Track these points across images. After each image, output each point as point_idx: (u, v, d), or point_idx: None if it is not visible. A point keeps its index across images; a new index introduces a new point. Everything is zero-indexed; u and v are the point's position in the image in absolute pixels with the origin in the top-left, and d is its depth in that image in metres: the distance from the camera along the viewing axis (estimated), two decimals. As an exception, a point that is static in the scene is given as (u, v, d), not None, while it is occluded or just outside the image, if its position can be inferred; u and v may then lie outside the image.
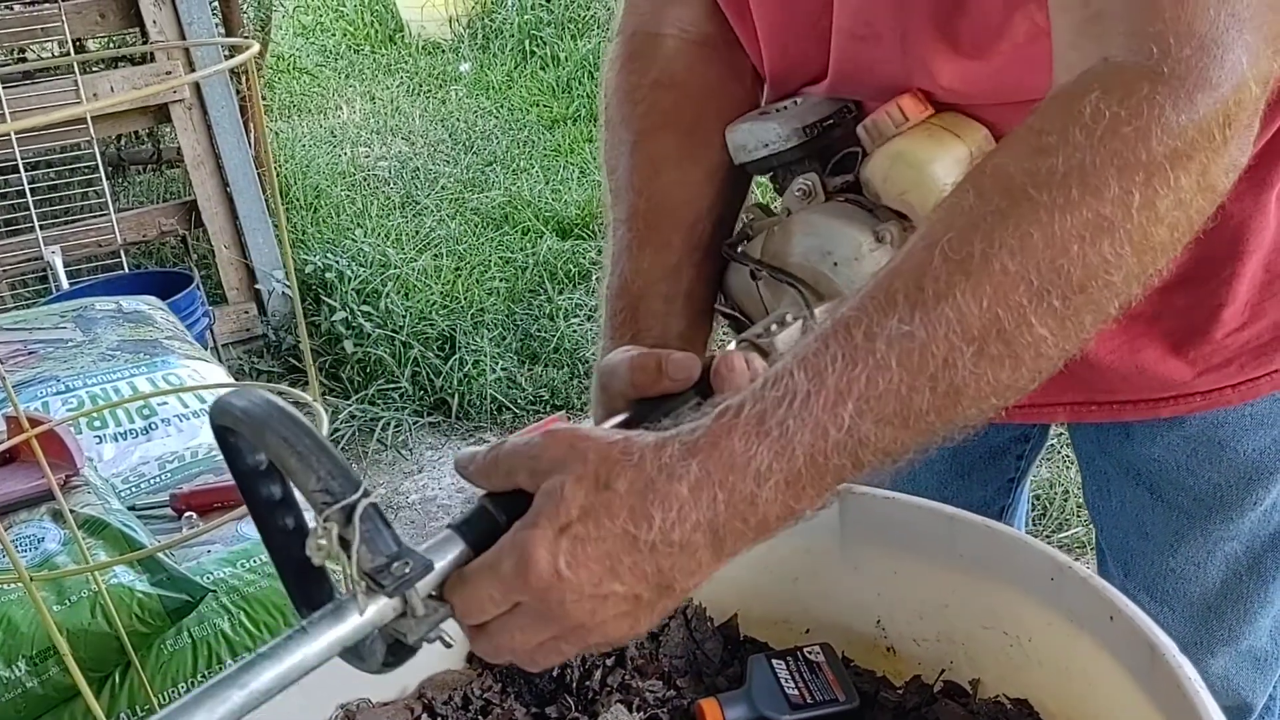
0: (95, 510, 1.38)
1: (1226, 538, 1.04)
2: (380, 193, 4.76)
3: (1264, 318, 0.94)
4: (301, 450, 0.62)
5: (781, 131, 0.86)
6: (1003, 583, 0.90)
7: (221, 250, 3.67)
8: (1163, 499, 1.05)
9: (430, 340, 3.55)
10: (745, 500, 0.61)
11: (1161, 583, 1.08)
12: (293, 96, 6.13)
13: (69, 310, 2.37)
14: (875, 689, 0.97)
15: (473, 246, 4.13)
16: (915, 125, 0.84)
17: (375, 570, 0.62)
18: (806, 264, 0.85)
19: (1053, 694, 0.87)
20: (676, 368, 0.75)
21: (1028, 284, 0.60)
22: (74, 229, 3.55)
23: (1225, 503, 1.02)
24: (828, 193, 0.87)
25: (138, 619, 1.24)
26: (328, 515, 0.61)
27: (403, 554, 0.62)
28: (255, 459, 0.67)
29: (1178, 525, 1.05)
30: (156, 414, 1.91)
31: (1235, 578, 1.06)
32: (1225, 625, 1.08)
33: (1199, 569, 1.06)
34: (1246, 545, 1.05)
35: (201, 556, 1.41)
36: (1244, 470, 1.00)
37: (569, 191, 4.48)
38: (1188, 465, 1.01)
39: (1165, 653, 0.75)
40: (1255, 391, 0.97)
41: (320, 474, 0.62)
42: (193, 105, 3.54)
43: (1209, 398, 0.97)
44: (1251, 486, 1.01)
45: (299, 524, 0.69)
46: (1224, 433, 0.99)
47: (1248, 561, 1.05)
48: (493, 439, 3.26)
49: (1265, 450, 0.99)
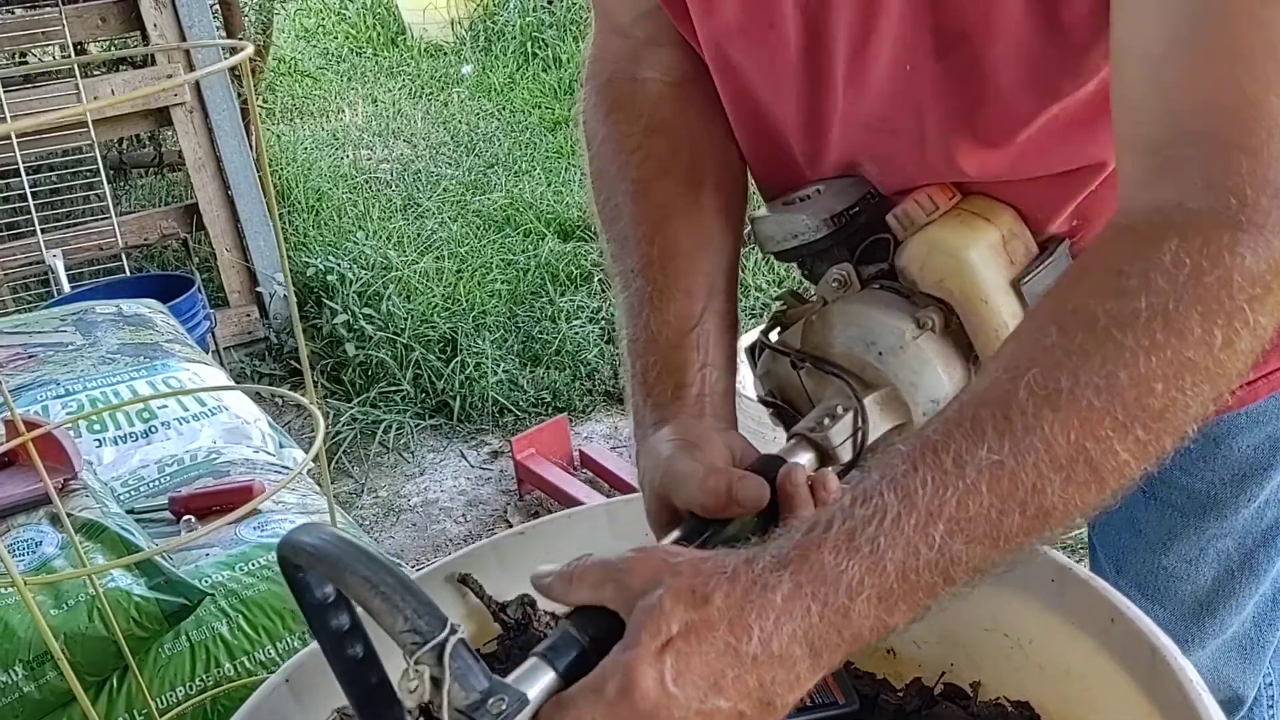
0: (93, 514, 1.38)
1: (1220, 535, 1.04)
2: (382, 195, 4.76)
3: None
4: (385, 590, 0.62)
5: (810, 223, 0.86)
6: (1004, 585, 0.89)
7: (223, 253, 3.67)
8: (1156, 497, 1.04)
9: (432, 342, 3.55)
10: (839, 612, 0.62)
11: (1154, 580, 1.08)
12: (294, 99, 6.13)
13: (69, 314, 2.37)
14: (875, 691, 0.96)
15: (474, 248, 4.13)
16: (946, 212, 0.85)
17: (470, 708, 0.62)
18: (851, 354, 0.85)
19: (1053, 696, 0.86)
20: (747, 495, 0.74)
21: (1113, 418, 0.63)
22: (75, 232, 3.56)
23: (1220, 500, 1.02)
24: (862, 281, 0.87)
25: (135, 623, 1.23)
26: (419, 657, 0.62)
27: (495, 689, 0.63)
28: (324, 592, 0.68)
29: (1171, 523, 1.04)
30: (156, 417, 1.91)
31: (1228, 574, 1.06)
32: (1217, 620, 1.08)
33: (1191, 566, 1.06)
34: (1239, 542, 1.04)
35: (200, 560, 1.40)
36: (1239, 468, 1.00)
37: (571, 193, 4.48)
38: (1182, 465, 1.01)
39: (1167, 655, 0.74)
40: (1254, 395, 0.96)
41: (407, 614, 0.62)
42: (194, 108, 3.54)
43: None
44: (1246, 484, 1.01)
45: (369, 651, 0.70)
46: (1220, 431, 0.98)
47: (1240, 558, 1.05)
48: (495, 442, 3.26)
49: (1259, 447, 0.99)
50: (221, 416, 1.92)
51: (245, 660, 1.31)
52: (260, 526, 1.48)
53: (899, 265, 0.86)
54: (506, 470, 3.09)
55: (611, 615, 0.66)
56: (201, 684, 1.28)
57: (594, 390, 3.38)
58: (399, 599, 0.63)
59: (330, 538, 0.66)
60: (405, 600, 0.63)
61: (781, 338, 0.92)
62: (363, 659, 0.71)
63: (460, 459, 3.22)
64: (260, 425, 1.96)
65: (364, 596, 0.64)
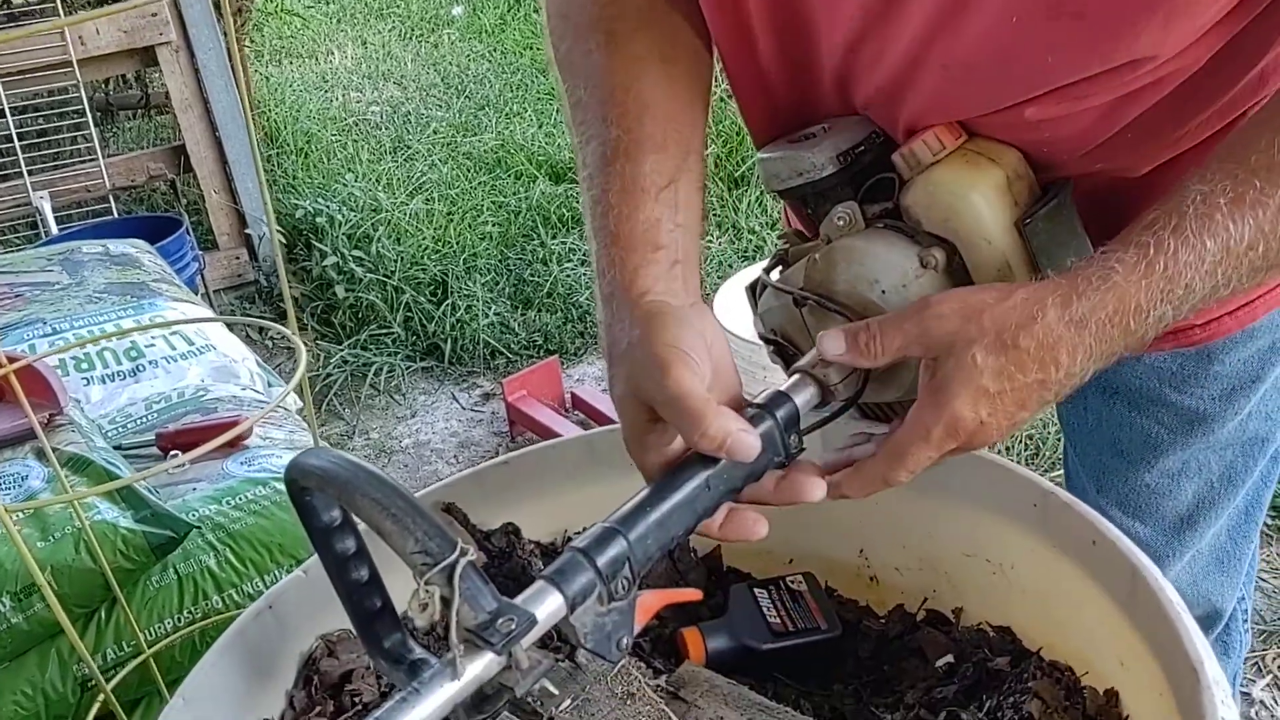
0: (79, 448, 1.38)
1: (1204, 449, 1.04)
2: (371, 137, 4.71)
3: None
4: (396, 513, 0.63)
5: (817, 160, 0.86)
6: (986, 510, 0.89)
7: (211, 195, 3.63)
8: (1144, 414, 1.04)
9: (422, 285, 3.53)
10: (1136, 345, 0.72)
11: (1135, 498, 1.08)
12: (283, 40, 6.05)
13: (56, 254, 2.36)
14: (858, 618, 0.96)
15: (465, 191, 4.09)
16: (952, 152, 0.84)
17: (480, 628, 0.63)
18: (854, 292, 0.85)
19: (1035, 620, 0.87)
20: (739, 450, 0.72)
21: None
22: (62, 174, 3.52)
23: (1208, 416, 1.02)
24: (867, 220, 0.87)
25: (122, 555, 1.23)
26: (429, 578, 0.62)
27: (503, 609, 0.64)
28: (330, 515, 0.70)
29: (1156, 441, 1.04)
30: (144, 356, 1.90)
31: (1208, 487, 1.06)
32: (1196, 533, 1.08)
33: (1174, 482, 1.06)
34: (1219, 454, 1.04)
35: (187, 494, 1.40)
36: (1230, 383, 1.00)
37: (562, 135, 4.43)
38: (1175, 384, 1.01)
39: (1147, 576, 0.74)
40: (1252, 315, 0.96)
41: (418, 535, 0.63)
42: (179, 47, 3.49)
43: (1208, 329, 0.97)
44: (1234, 398, 1.01)
45: (373, 574, 0.72)
46: (1215, 349, 0.98)
47: (1220, 470, 1.05)
48: (486, 384, 3.26)
49: (1250, 361, 0.99)
50: (209, 355, 1.91)
51: (233, 593, 1.31)
52: (247, 461, 1.48)
53: (904, 204, 0.86)
54: (498, 412, 3.09)
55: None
56: (190, 616, 1.29)
57: (586, 333, 3.37)
58: (410, 521, 0.63)
59: (340, 461, 0.66)
60: (416, 522, 0.63)
61: (784, 275, 0.92)
62: (366, 582, 0.72)
63: (452, 401, 3.22)
64: (248, 364, 1.95)
65: (374, 518, 0.64)
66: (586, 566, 0.69)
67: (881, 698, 0.87)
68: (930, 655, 0.89)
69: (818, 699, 0.88)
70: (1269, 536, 2.27)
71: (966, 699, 0.82)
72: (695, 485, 0.74)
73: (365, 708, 0.88)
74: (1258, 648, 2.01)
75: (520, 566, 0.95)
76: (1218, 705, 0.64)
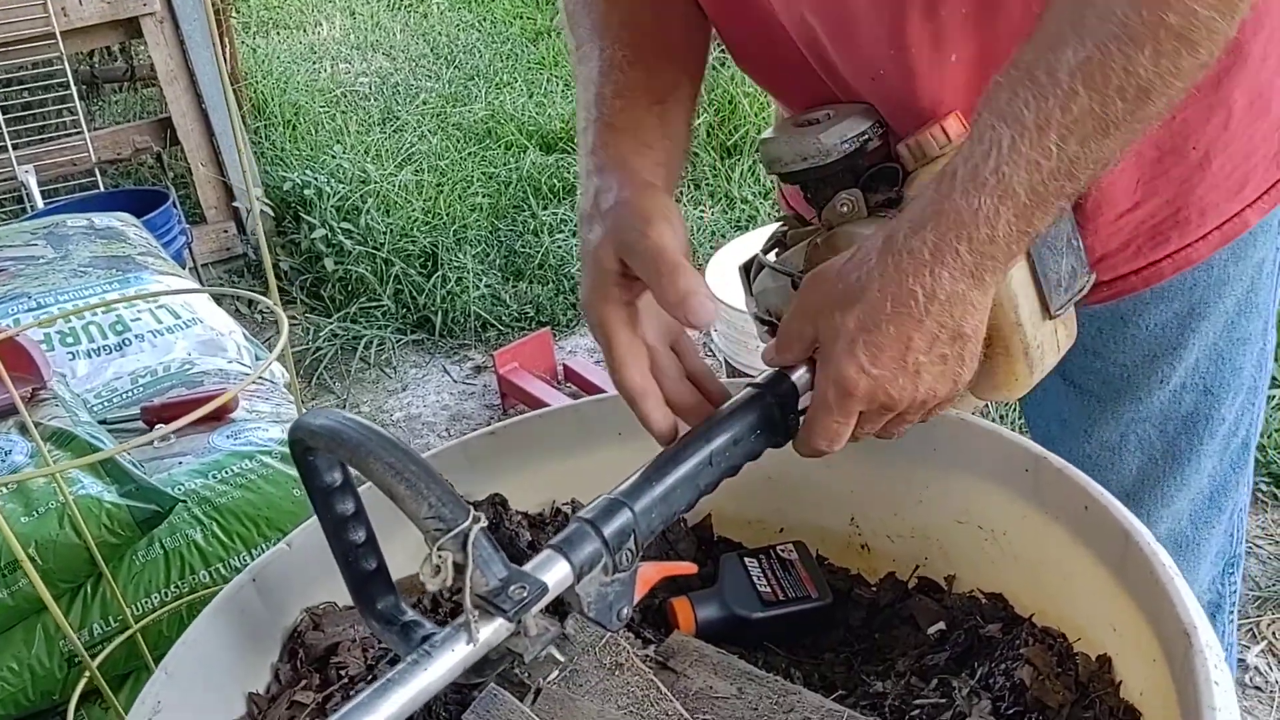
0: (63, 423, 1.36)
1: (1138, 419, 1.03)
2: (360, 109, 4.67)
3: (1156, 196, 0.92)
4: (410, 477, 0.64)
5: (822, 147, 0.86)
6: (977, 476, 0.88)
7: (198, 168, 3.60)
8: (1074, 384, 1.04)
9: (412, 257, 3.51)
10: (985, 242, 0.71)
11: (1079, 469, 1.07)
12: (270, 11, 6.00)
13: (40, 228, 2.33)
14: (849, 586, 0.96)
15: (455, 162, 4.06)
16: (959, 146, 0.83)
17: (491, 594, 0.64)
18: None
19: (1027, 586, 0.86)
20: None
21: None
22: (47, 148, 3.49)
23: (1133, 383, 1.01)
24: (870, 208, 0.87)
25: (107, 529, 1.22)
26: (442, 543, 0.63)
27: (515, 577, 0.65)
28: (332, 476, 0.71)
29: (1089, 410, 1.04)
30: (130, 330, 1.89)
31: (1151, 463, 1.05)
32: (1144, 511, 1.07)
33: (1114, 455, 1.05)
34: (1159, 428, 1.03)
35: (173, 468, 1.39)
36: (1149, 347, 0.99)
37: (552, 105, 4.40)
38: (1093, 347, 1.00)
39: (1140, 541, 0.73)
40: (1159, 275, 0.95)
41: (431, 501, 0.63)
42: (164, 18, 3.45)
43: (1113, 286, 0.96)
44: (1156, 363, 1.00)
45: (370, 537, 0.73)
46: (1126, 309, 0.98)
47: (1162, 446, 1.04)
48: (477, 356, 3.24)
49: (1167, 325, 0.98)
50: (196, 329, 1.90)
51: (220, 567, 1.30)
52: (233, 435, 1.47)
53: (908, 195, 0.86)
54: (490, 385, 3.08)
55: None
56: (176, 591, 1.28)
57: (577, 304, 3.35)
58: (424, 486, 0.64)
59: (350, 422, 0.67)
60: (430, 487, 0.64)
61: (782, 258, 0.92)
62: (363, 544, 0.73)
63: (443, 374, 3.21)
64: (235, 337, 1.94)
65: (387, 482, 0.64)
66: (594, 536, 0.70)
67: (873, 666, 0.87)
68: (922, 623, 0.88)
69: (808, 668, 0.88)
70: (1264, 503, 2.27)
71: (958, 666, 0.82)
72: (698, 460, 0.76)
73: (351, 680, 0.88)
74: (1252, 613, 2.01)
75: (506, 537, 0.94)
76: (1210, 670, 0.64)
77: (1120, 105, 0.68)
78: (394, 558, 0.78)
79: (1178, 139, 0.90)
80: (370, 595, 0.76)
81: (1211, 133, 0.90)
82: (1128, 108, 0.68)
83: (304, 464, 0.71)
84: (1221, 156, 0.91)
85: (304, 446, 0.70)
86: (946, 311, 0.72)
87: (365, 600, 0.76)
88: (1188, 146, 0.90)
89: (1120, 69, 0.67)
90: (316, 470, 0.71)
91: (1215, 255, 0.95)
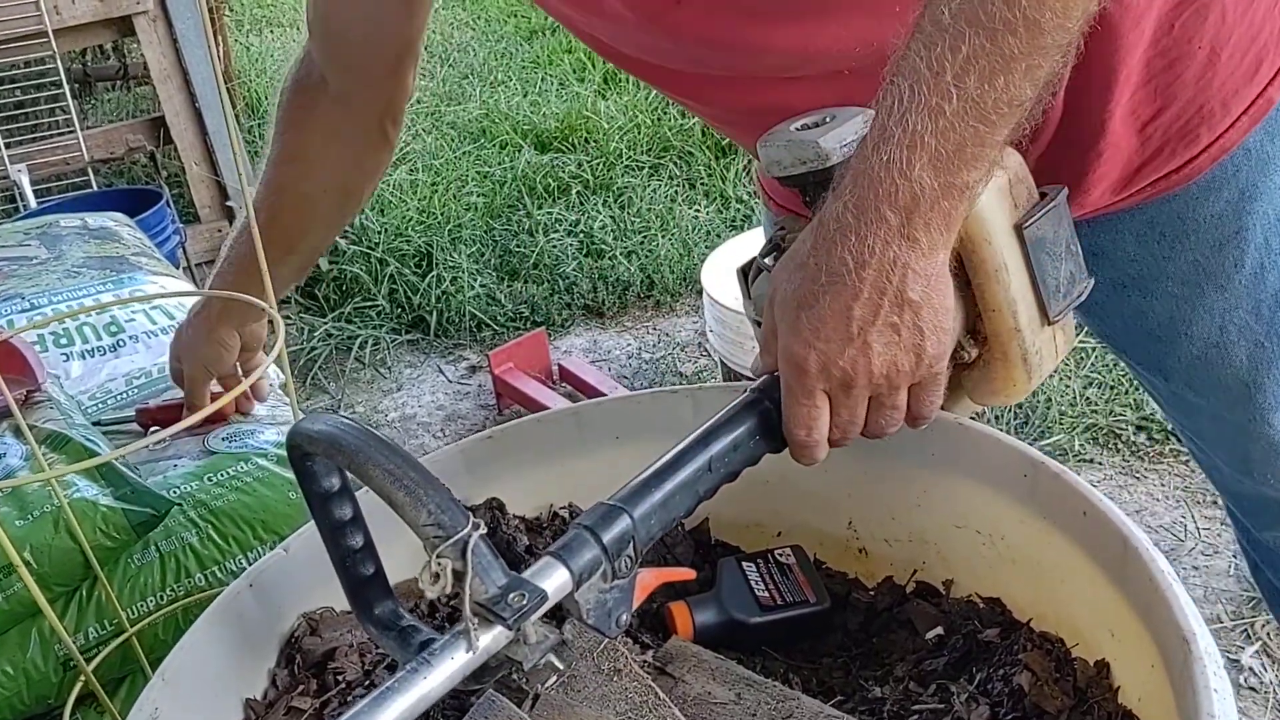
0: (57, 425, 1.35)
1: (1230, 308, 1.04)
2: (354, 108, 4.66)
3: (1176, 100, 0.95)
4: (409, 484, 0.64)
5: (821, 150, 0.86)
6: (975, 481, 0.89)
7: (192, 167, 3.59)
8: (1154, 294, 1.05)
9: (407, 257, 3.50)
10: (908, 199, 0.70)
11: (1195, 374, 1.09)
12: (264, 9, 5.98)
13: (33, 227, 2.32)
14: (847, 590, 0.96)
15: (449, 161, 4.06)
16: None
17: (491, 601, 0.64)
18: None
19: (1025, 591, 0.86)
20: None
21: None
22: (40, 147, 3.48)
23: (1209, 272, 1.03)
24: None
25: (102, 533, 1.21)
26: (442, 551, 0.63)
27: (514, 584, 0.65)
28: (329, 482, 0.71)
29: (1179, 315, 1.05)
30: (124, 331, 1.88)
31: (1258, 347, 1.06)
32: (1267, 394, 1.09)
33: (1220, 350, 1.06)
34: (1254, 312, 1.05)
35: (168, 471, 1.38)
36: (1212, 236, 1.01)
37: (547, 104, 4.39)
38: (1160, 250, 1.02)
39: (1139, 547, 0.73)
40: (1197, 169, 0.98)
41: (430, 508, 0.63)
42: (156, 17, 3.44)
43: (1156, 186, 0.99)
44: (1225, 249, 1.02)
45: (367, 542, 0.74)
46: (1179, 206, 1.00)
47: (1263, 329, 1.06)
48: (472, 356, 3.24)
49: (1223, 213, 1.00)
50: (190, 329, 1.89)
51: (216, 570, 1.30)
52: (229, 438, 1.46)
53: None
54: (485, 385, 3.08)
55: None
56: (172, 594, 1.27)
57: (572, 304, 3.35)
58: (423, 493, 0.64)
59: (349, 428, 0.67)
60: (429, 494, 0.64)
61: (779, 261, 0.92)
62: (360, 549, 0.74)
63: (438, 374, 3.20)
64: (230, 338, 1.93)
65: (386, 489, 0.64)
66: (593, 543, 0.70)
67: (871, 670, 0.87)
68: (920, 627, 0.88)
69: (806, 673, 0.88)
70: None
71: (956, 671, 0.82)
72: (697, 467, 0.76)
73: (349, 686, 0.87)
74: (1246, 614, 2.02)
75: (504, 542, 0.94)
76: (1210, 676, 0.64)
77: (1012, 40, 0.68)
78: (391, 560, 0.78)
79: (1180, 43, 0.92)
80: (368, 600, 0.76)
81: (1211, 28, 0.92)
82: (1023, 40, 0.68)
83: (302, 469, 0.71)
84: (1228, 48, 0.94)
85: (302, 452, 0.70)
86: (884, 277, 0.71)
87: (363, 605, 0.76)
88: (1193, 48, 0.93)
89: (1000, 2, 0.68)
90: (314, 475, 0.72)
91: (1249, 138, 0.98)
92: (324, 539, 0.74)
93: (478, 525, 0.64)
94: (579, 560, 0.69)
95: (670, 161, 3.91)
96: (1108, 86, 0.93)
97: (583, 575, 0.69)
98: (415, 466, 0.65)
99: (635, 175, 3.84)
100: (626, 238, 3.53)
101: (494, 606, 0.64)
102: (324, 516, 0.73)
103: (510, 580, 0.66)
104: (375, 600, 0.76)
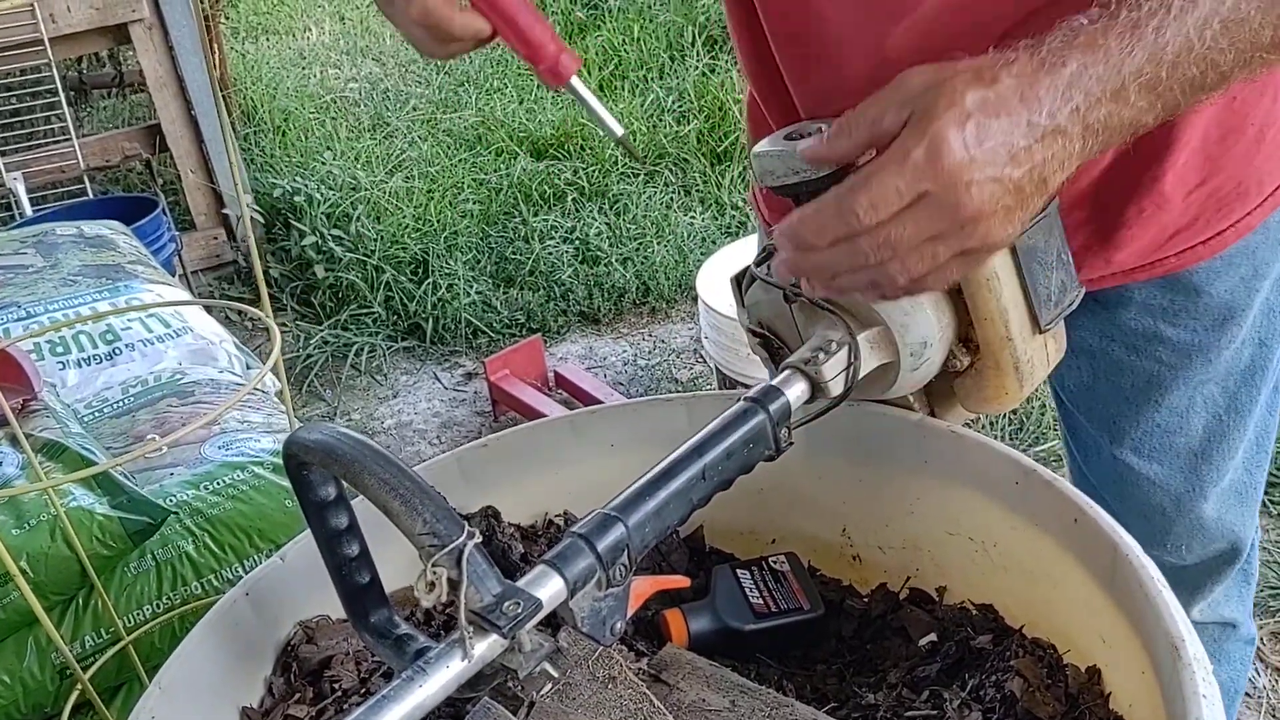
0: (54, 434, 1.36)
1: (1205, 381, 1.06)
2: (350, 114, 4.67)
3: (1221, 172, 0.97)
4: (405, 494, 0.64)
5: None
6: (968, 488, 0.89)
7: (187, 175, 3.60)
8: (1143, 355, 1.05)
9: (403, 264, 3.51)
10: (1115, 95, 0.69)
11: (1149, 440, 1.09)
12: (259, 16, 5.99)
13: (29, 236, 2.32)
14: (841, 597, 0.96)
15: (445, 168, 4.06)
16: None
17: (486, 610, 0.64)
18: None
19: (1017, 598, 0.87)
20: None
21: None
22: (36, 155, 3.48)
23: (1204, 346, 1.04)
24: None
25: (98, 541, 1.22)
26: (437, 560, 0.63)
27: (509, 593, 0.65)
28: (325, 491, 0.72)
29: (1160, 379, 1.06)
30: (120, 339, 1.88)
31: (1216, 420, 1.08)
32: (1213, 467, 1.10)
33: (1183, 419, 1.08)
34: (1222, 385, 1.06)
35: (164, 480, 1.39)
36: (1220, 311, 1.02)
37: (543, 111, 4.40)
38: (1166, 318, 1.03)
39: (1129, 554, 0.74)
40: (1223, 243, 0.99)
41: (426, 517, 0.64)
42: (153, 24, 3.44)
43: (1181, 257, 1.00)
44: (1227, 325, 1.03)
45: (363, 551, 0.74)
46: (1199, 279, 1.01)
47: (1225, 401, 1.07)
48: (468, 363, 3.24)
49: (1235, 288, 1.02)
50: (186, 338, 1.89)
51: (212, 579, 1.30)
52: (225, 446, 1.47)
53: None
54: (481, 392, 3.08)
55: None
56: (168, 602, 1.28)
57: (568, 311, 3.36)
58: (418, 502, 0.64)
59: (345, 438, 0.67)
60: (424, 504, 0.64)
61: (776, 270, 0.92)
62: (356, 558, 0.74)
63: (434, 381, 3.20)
64: (226, 346, 1.93)
65: (381, 498, 0.65)
66: (587, 552, 0.70)
67: (864, 677, 0.87)
68: (913, 634, 0.89)
69: (800, 679, 0.88)
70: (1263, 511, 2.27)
71: (949, 678, 0.82)
72: (691, 475, 0.77)
73: (345, 694, 0.88)
74: (1239, 618, 2.02)
75: (499, 550, 0.94)
76: (1199, 682, 0.64)
77: (1270, 35, 0.69)
78: (387, 568, 0.78)
79: (1238, 118, 0.95)
80: (364, 608, 0.76)
81: (1264, 109, 0.95)
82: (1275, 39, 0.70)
83: (298, 478, 0.72)
84: (1273, 129, 0.97)
85: (298, 461, 0.71)
86: (1051, 145, 0.69)
87: (359, 613, 0.76)
88: (1246, 124, 0.95)
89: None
90: (311, 485, 0.72)
91: (1271, 217, 1.00)
92: (320, 547, 0.74)
93: (473, 534, 0.65)
94: (574, 568, 0.69)
95: (665, 168, 3.92)
96: (1168, 146, 0.93)
97: (577, 583, 0.69)
98: (410, 476, 0.65)
99: (630, 182, 3.85)
100: (622, 245, 3.53)
101: (489, 615, 0.65)
102: (320, 525, 0.73)
103: (505, 589, 0.66)
104: (371, 608, 0.76)
